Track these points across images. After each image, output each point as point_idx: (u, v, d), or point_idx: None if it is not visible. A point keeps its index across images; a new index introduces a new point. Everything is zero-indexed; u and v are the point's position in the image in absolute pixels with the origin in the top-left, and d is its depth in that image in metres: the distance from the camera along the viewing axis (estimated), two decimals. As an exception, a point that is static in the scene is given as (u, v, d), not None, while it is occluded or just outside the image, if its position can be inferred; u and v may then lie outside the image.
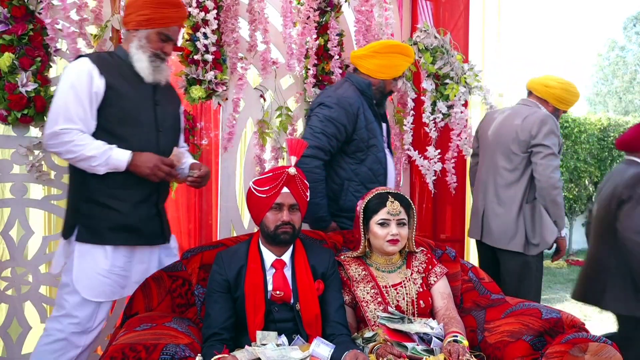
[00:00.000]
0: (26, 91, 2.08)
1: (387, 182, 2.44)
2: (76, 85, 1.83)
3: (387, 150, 2.49)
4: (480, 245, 2.78)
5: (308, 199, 1.86)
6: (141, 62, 1.94)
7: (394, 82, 2.49)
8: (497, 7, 3.92)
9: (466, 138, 2.96)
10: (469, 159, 3.05)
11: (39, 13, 2.11)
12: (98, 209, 1.89)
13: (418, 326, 1.78)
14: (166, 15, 1.94)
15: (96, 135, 1.87)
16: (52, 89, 2.17)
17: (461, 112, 2.94)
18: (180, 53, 2.47)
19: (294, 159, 1.79)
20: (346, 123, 2.28)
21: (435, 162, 2.89)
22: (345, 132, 2.29)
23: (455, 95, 2.90)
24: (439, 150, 2.89)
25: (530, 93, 2.73)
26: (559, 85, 2.64)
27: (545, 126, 2.50)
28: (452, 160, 2.98)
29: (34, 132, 2.25)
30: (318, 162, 2.24)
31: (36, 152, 2.16)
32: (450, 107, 2.96)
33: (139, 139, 1.92)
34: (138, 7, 1.94)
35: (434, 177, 2.92)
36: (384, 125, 2.52)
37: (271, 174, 1.79)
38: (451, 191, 3.01)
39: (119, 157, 1.85)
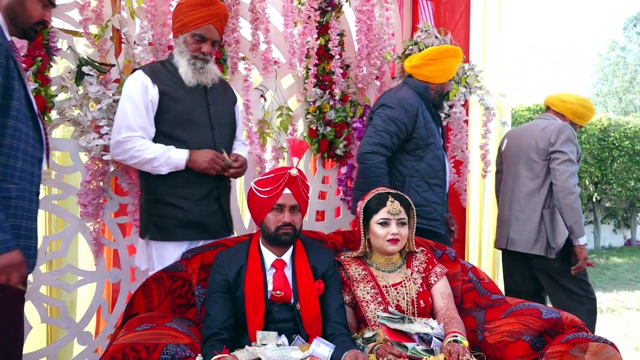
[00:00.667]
0: (27, 91, 2.07)
1: (445, 178, 2.55)
2: (133, 96, 1.99)
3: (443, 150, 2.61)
4: (506, 254, 2.86)
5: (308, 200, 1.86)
6: (182, 67, 2.07)
7: (449, 83, 2.61)
8: (498, 7, 3.91)
9: (461, 139, 2.96)
10: (472, 166, 3.07)
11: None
12: (164, 208, 2.04)
13: (418, 326, 1.78)
14: (197, 16, 2.03)
15: (156, 139, 2.03)
16: (52, 88, 2.17)
17: (460, 113, 2.94)
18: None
19: (296, 160, 1.79)
20: (406, 122, 2.39)
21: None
22: (406, 131, 2.40)
23: (455, 95, 2.91)
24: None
25: (548, 108, 2.86)
26: (576, 100, 2.78)
27: (563, 134, 2.61)
28: (451, 161, 2.98)
29: (34, 131, 2.25)
30: (382, 158, 2.35)
31: (37, 151, 2.16)
32: (450, 107, 2.96)
33: (195, 138, 2.05)
34: (175, 16, 2.09)
35: None
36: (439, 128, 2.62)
37: (273, 174, 1.79)
38: (455, 189, 3.01)
39: (177, 156, 2.00)
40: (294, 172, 1.77)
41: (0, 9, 1.54)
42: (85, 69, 2.16)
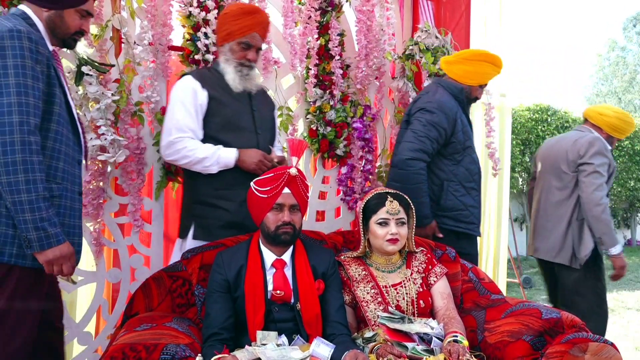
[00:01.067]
0: (27, 91, 2.07)
1: (481, 181, 2.59)
2: (183, 100, 2.08)
3: None
4: (539, 261, 2.93)
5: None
6: (228, 74, 2.15)
7: (479, 88, 2.62)
8: (498, 7, 3.91)
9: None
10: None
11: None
12: (208, 209, 2.11)
13: (418, 326, 1.78)
14: (243, 24, 2.11)
15: (203, 142, 2.10)
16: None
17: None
18: (181, 53, 2.47)
19: (295, 160, 1.79)
20: (446, 127, 2.42)
21: None
22: (445, 135, 2.43)
23: None
24: None
25: (586, 120, 2.89)
26: (614, 114, 2.79)
27: (593, 147, 2.65)
28: None
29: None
30: (423, 164, 2.38)
31: (37, 151, 2.16)
32: None
33: (240, 142, 2.12)
34: (220, 25, 2.17)
35: None
36: None
37: (272, 174, 1.79)
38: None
39: (227, 155, 2.08)
40: (293, 171, 1.77)
41: (41, 21, 1.65)
42: (84, 68, 2.15)
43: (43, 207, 1.49)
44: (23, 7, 1.66)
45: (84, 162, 1.77)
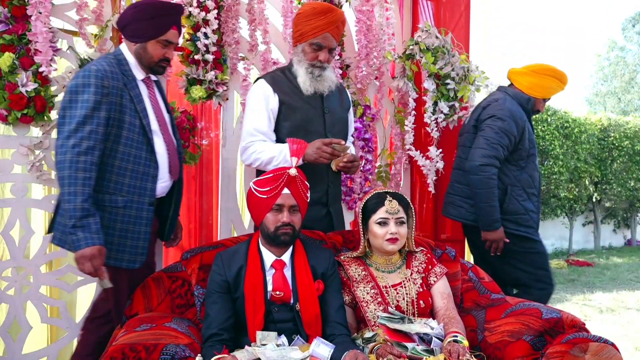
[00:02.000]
0: (26, 91, 2.08)
1: (541, 187, 2.67)
2: (255, 105, 2.14)
3: None
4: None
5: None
6: (300, 76, 2.16)
7: (543, 102, 2.70)
8: (497, 7, 3.91)
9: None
10: None
11: (40, 12, 2.10)
12: None
13: (418, 326, 1.77)
14: (315, 25, 2.10)
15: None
16: (52, 88, 2.17)
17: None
18: (181, 53, 2.47)
19: (294, 160, 1.79)
20: (516, 134, 2.51)
21: (437, 162, 2.89)
22: (514, 142, 2.53)
23: (468, 97, 2.91)
24: (440, 150, 2.89)
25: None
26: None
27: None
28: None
29: (34, 131, 2.25)
30: (494, 169, 2.47)
31: (37, 151, 2.17)
32: (464, 108, 2.96)
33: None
34: (294, 26, 2.18)
35: (435, 177, 2.92)
36: None
37: (272, 174, 1.79)
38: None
39: None
40: (292, 172, 1.77)
41: (132, 54, 1.94)
42: (85, 69, 2.16)
43: (78, 216, 1.72)
44: (122, 44, 1.97)
45: (167, 176, 2.00)
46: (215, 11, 2.40)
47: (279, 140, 2.14)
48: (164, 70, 2.00)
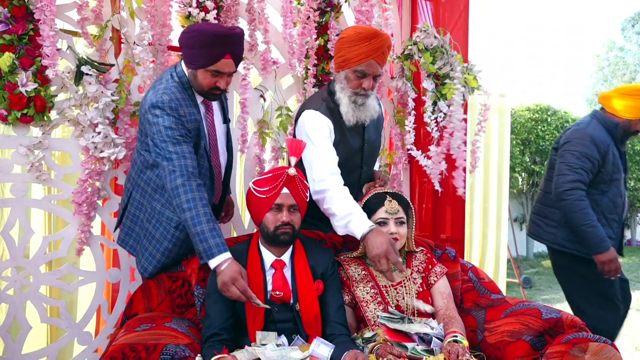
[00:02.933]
0: (26, 91, 2.08)
1: (624, 214, 2.68)
2: (323, 143, 2.03)
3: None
4: None
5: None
6: (343, 106, 2.06)
7: (639, 122, 2.68)
8: (497, 8, 3.92)
9: (458, 138, 2.91)
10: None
11: (46, 15, 2.10)
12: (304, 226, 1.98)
13: (418, 326, 1.78)
14: (359, 52, 1.99)
15: None
16: (52, 88, 2.17)
17: (459, 113, 2.89)
18: (181, 53, 2.47)
19: (293, 160, 1.79)
20: (598, 158, 2.54)
21: (440, 162, 2.88)
22: (598, 166, 2.55)
23: (452, 95, 2.86)
24: (443, 149, 2.87)
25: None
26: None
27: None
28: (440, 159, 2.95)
29: (34, 131, 2.25)
30: (581, 192, 2.50)
31: (36, 151, 2.16)
32: (448, 106, 2.94)
33: (343, 178, 2.01)
34: (337, 51, 2.08)
35: (440, 177, 2.90)
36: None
37: (271, 174, 1.79)
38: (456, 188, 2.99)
39: (358, 224, 1.85)
40: (291, 171, 1.77)
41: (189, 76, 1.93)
42: (84, 68, 2.16)
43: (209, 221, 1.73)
44: (183, 64, 1.94)
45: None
46: (215, 11, 2.40)
47: None
48: (216, 97, 1.97)
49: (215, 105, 2.06)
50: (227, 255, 1.67)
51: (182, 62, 1.95)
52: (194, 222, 1.69)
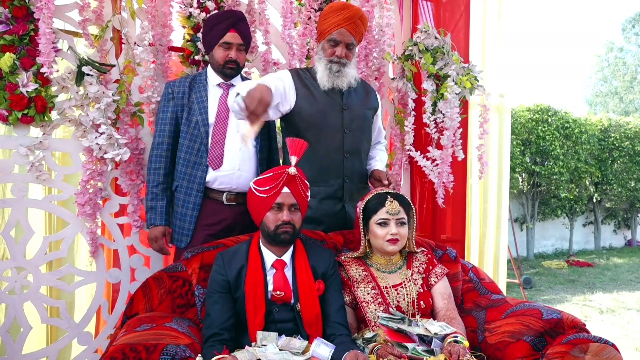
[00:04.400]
0: (27, 91, 2.08)
1: None
2: (272, 79, 2.17)
3: None
4: None
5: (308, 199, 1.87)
6: (319, 72, 2.22)
7: None
8: (497, 9, 3.92)
9: (459, 139, 2.91)
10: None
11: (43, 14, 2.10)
12: None
13: (420, 327, 1.77)
14: (330, 22, 2.17)
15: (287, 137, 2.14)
16: (53, 89, 2.17)
17: (457, 114, 2.89)
18: (181, 53, 2.47)
19: (294, 159, 1.79)
20: None
21: (440, 163, 2.88)
22: None
23: (448, 94, 2.85)
24: (442, 151, 2.87)
25: None
26: None
27: None
28: (448, 161, 2.96)
29: (34, 132, 2.25)
30: None
31: (37, 152, 2.17)
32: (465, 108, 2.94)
33: (325, 141, 2.20)
34: (317, 27, 2.26)
35: (438, 180, 2.90)
36: None
37: (271, 174, 1.79)
38: (449, 191, 2.99)
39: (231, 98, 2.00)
40: (292, 170, 1.77)
41: (210, 63, 2.25)
42: (85, 69, 2.16)
43: (148, 199, 2.20)
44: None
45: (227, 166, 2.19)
46: (216, 12, 2.40)
47: (293, 133, 2.18)
48: (233, 71, 2.21)
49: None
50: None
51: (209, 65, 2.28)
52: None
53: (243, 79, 2.33)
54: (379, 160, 2.42)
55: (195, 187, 2.18)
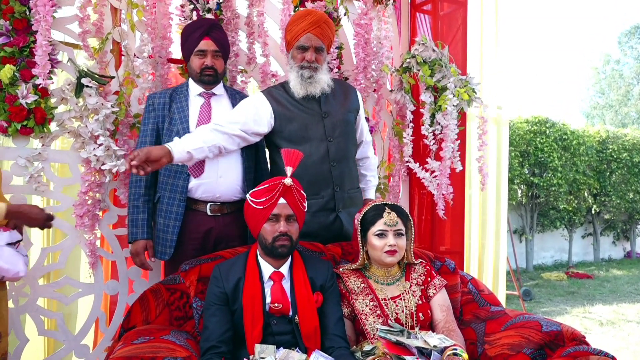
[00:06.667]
0: (26, 103, 2.08)
1: None
2: (239, 107, 2.19)
3: None
4: None
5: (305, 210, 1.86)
6: (292, 81, 2.20)
7: None
8: (494, 21, 3.95)
9: (457, 150, 2.91)
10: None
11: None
12: None
13: (418, 339, 1.76)
14: (297, 29, 2.17)
15: (273, 153, 2.25)
16: (52, 100, 2.18)
17: (455, 125, 2.89)
18: (181, 65, 2.48)
19: (289, 170, 1.79)
20: None
21: (439, 175, 2.87)
22: None
23: (445, 106, 2.86)
24: (440, 163, 2.87)
25: None
26: None
27: None
28: (447, 173, 2.97)
29: (34, 143, 2.26)
30: None
31: (35, 163, 2.17)
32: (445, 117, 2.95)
33: (310, 152, 2.14)
34: (284, 39, 2.28)
35: (436, 191, 2.89)
36: None
37: (267, 185, 1.79)
38: (449, 202, 2.99)
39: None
40: (288, 181, 1.77)
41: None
42: (84, 80, 2.17)
43: (130, 212, 2.17)
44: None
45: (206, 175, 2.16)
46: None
47: (278, 149, 2.12)
48: (211, 78, 2.20)
49: (221, 102, 2.26)
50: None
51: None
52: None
53: (225, 87, 2.33)
54: (369, 188, 2.42)
55: (177, 196, 2.14)
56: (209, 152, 2.05)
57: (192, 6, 2.41)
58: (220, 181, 2.17)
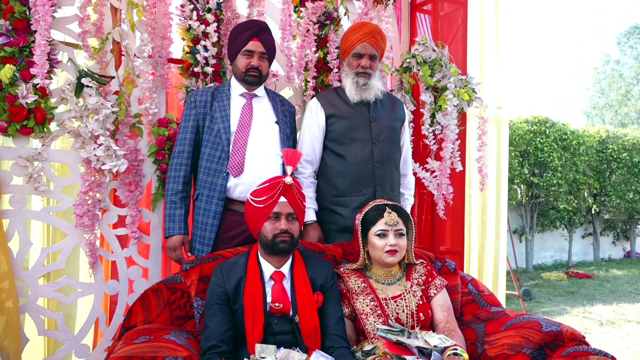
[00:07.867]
0: (26, 103, 2.08)
1: None
2: (306, 128, 2.41)
3: None
4: None
5: (305, 208, 1.87)
6: (347, 86, 2.37)
7: None
8: (494, 21, 3.95)
9: (457, 150, 2.92)
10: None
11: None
12: (328, 214, 2.35)
13: (418, 339, 1.76)
14: (352, 38, 2.37)
15: (323, 153, 2.40)
16: (52, 100, 2.18)
17: (455, 125, 2.90)
18: (181, 65, 2.48)
19: (289, 169, 1.79)
20: None
21: (439, 175, 2.88)
22: None
23: (445, 106, 2.87)
24: (441, 163, 2.87)
25: None
26: None
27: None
28: (447, 173, 2.97)
29: (34, 143, 2.26)
30: None
31: (35, 163, 2.17)
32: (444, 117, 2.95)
33: (354, 153, 2.33)
34: (340, 49, 2.46)
35: (436, 192, 2.90)
36: None
37: (268, 184, 1.79)
38: (449, 202, 2.99)
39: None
40: (288, 180, 1.78)
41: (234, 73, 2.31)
42: (84, 80, 2.17)
43: (167, 207, 2.19)
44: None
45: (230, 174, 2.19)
46: (215, 24, 2.43)
47: (326, 147, 2.36)
48: (254, 79, 2.26)
49: (261, 103, 2.32)
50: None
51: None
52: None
53: (266, 89, 2.38)
54: (405, 206, 2.48)
55: (216, 195, 2.16)
56: (312, 192, 2.34)
57: (192, 6, 2.42)
58: (259, 182, 2.14)
